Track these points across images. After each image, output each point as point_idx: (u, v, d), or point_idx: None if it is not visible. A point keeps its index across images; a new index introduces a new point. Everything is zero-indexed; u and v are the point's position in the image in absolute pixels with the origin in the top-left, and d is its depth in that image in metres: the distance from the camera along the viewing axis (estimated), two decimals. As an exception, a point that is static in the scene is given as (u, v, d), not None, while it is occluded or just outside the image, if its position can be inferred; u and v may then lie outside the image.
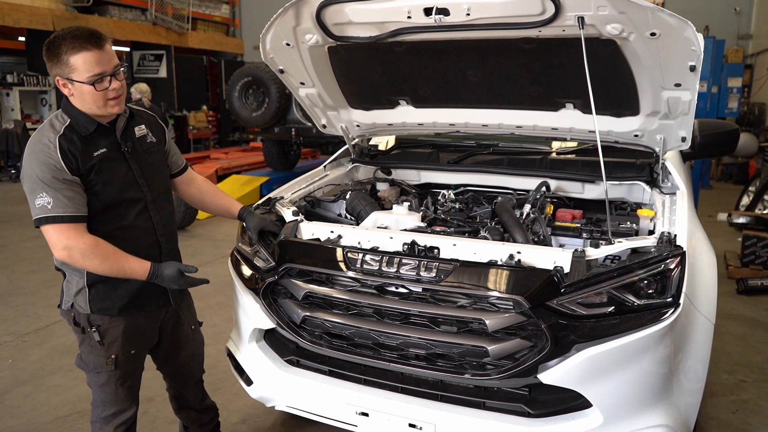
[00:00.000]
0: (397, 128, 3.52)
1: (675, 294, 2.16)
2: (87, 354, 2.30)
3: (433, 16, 2.45)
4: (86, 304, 2.23)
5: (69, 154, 2.07)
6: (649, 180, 3.00)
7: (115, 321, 2.27)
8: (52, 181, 2.03)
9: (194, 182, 2.67)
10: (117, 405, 2.36)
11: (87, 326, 2.24)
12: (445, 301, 2.29)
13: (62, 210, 2.04)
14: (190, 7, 16.03)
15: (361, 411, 2.41)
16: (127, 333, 2.30)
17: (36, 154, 2.05)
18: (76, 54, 2.02)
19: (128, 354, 2.33)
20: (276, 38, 2.87)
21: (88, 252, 2.08)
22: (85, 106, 2.12)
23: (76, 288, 2.24)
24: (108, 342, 2.27)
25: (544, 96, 2.96)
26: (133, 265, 2.16)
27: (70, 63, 2.03)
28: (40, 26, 11.99)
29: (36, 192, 2.04)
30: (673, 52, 2.37)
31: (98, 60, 2.05)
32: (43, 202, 2.03)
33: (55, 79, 2.10)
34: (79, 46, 2.02)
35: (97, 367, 2.29)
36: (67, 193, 2.05)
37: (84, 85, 2.06)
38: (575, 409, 2.22)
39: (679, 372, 2.25)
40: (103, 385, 2.32)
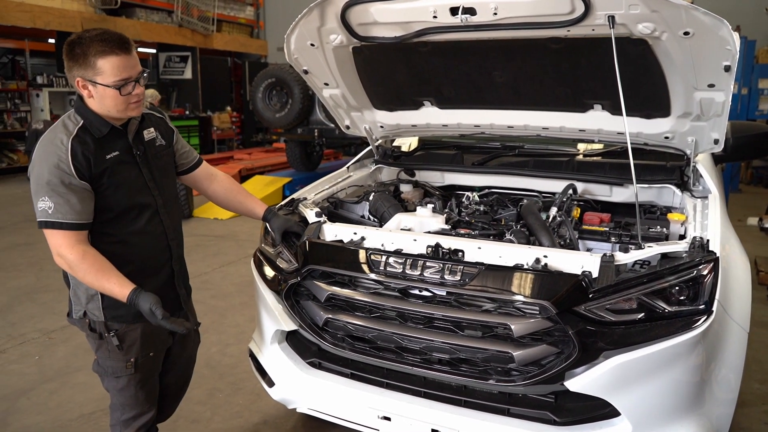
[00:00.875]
0: (421, 129, 3.48)
1: (708, 301, 2.10)
2: (105, 359, 2.28)
3: (460, 16, 2.42)
4: (100, 312, 2.21)
5: (81, 157, 2.05)
6: (679, 183, 2.92)
7: (132, 325, 2.25)
8: (58, 186, 2.02)
9: (216, 179, 2.65)
10: (137, 408, 2.34)
11: (104, 331, 2.23)
12: (469, 305, 2.25)
13: (61, 216, 2.03)
14: (215, 9, 16.17)
15: (383, 415, 2.38)
16: (145, 335, 2.28)
17: (47, 156, 2.03)
18: (104, 57, 2.01)
19: (147, 356, 2.33)
20: (300, 39, 2.86)
21: (74, 264, 2.06)
22: (103, 108, 2.11)
23: (86, 295, 2.22)
24: (127, 346, 2.25)
25: (571, 97, 2.90)
26: (113, 286, 2.08)
27: (97, 66, 2.02)
28: (70, 28, 12.19)
29: (39, 194, 2.03)
30: (707, 52, 2.31)
31: (125, 65, 2.05)
32: (45, 206, 2.02)
33: (74, 80, 2.07)
34: (109, 50, 2.01)
35: (117, 371, 2.27)
36: (70, 199, 2.03)
37: (108, 89, 2.05)
38: (603, 417, 2.17)
39: (711, 381, 2.19)
40: (122, 389, 2.30)
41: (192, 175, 2.59)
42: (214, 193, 2.65)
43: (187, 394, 3.60)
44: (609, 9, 2.23)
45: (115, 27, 13.19)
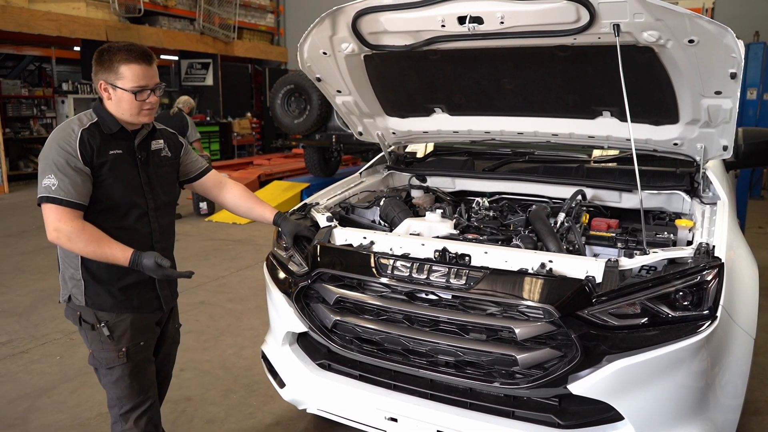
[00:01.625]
0: (433, 136, 3.53)
1: (712, 306, 2.12)
2: (99, 351, 2.36)
3: (467, 25, 2.47)
4: (81, 297, 2.31)
5: (87, 144, 2.20)
6: (689, 189, 2.93)
7: (120, 316, 2.34)
8: (64, 167, 2.15)
9: (225, 186, 2.73)
10: (133, 399, 2.40)
11: (95, 322, 2.32)
12: (474, 308, 2.29)
13: (63, 194, 2.15)
14: (236, 17, 16.39)
15: (390, 416, 2.43)
16: (135, 326, 2.37)
17: (57, 140, 2.19)
18: (127, 65, 2.21)
19: (138, 345, 2.40)
20: (313, 47, 2.93)
21: (73, 235, 2.16)
22: (118, 111, 2.27)
23: (71, 280, 2.33)
24: (117, 336, 2.34)
25: (580, 104, 2.93)
26: (115, 251, 2.21)
27: (119, 71, 2.21)
28: (94, 36, 12.45)
29: (46, 172, 2.16)
30: (712, 60, 2.33)
31: (144, 74, 2.24)
32: (49, 183, 2.14)
33: (98, 83, 2.25)
34: (132, 58, 2.21)
35: (110, 361, 2.35)
36: (74, 180, 2.16)
37: (126, 93, 2.22)
38: (606, 421, 2.19)
39: (715, 387, 2.20)
40: (117, 381, 2.37)
41: (201, 182, 2.68)
42: (224, 199, 2.74)
43: (202, 394, 3.70)
44: (614, 18, 2.27)
45: (138, 35, 13.45)
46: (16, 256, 6.87)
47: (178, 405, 3.59)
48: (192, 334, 4.65)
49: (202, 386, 3.84)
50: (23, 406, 3.58)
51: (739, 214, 6.24)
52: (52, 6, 11.78)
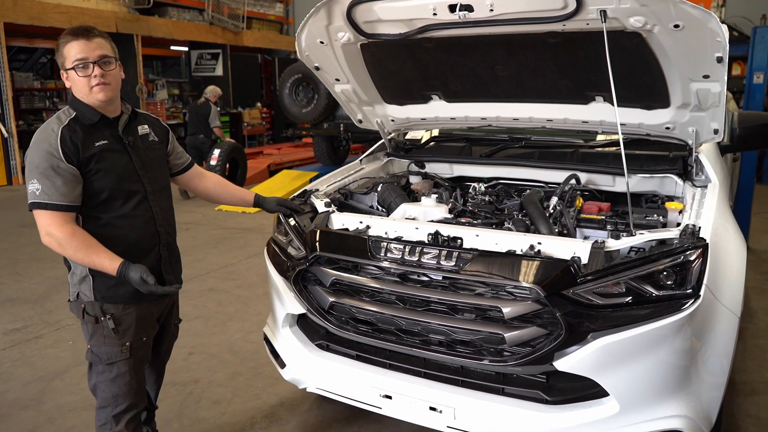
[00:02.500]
0: (431, 122, 3.59)
1: (695, 286, 2.17)
2: (99, 345, 2.33)
3: (458, 13, 2.52)
4: (90, 292, 2.30)
5: (69, 142, 2.17)
6: (681, 173, 2.97)
7: (128, 308, 2.33)
8: (46, 170, 2.14)
9: (205, 176, 2.80)
10: (129, 398, 2.38)
11: (100, 315, 2.30)
12: (464, 289, 2.36)
13: (47, 198, 2.14)
14: (245, 7, 16.46)
15: (384, 394, 2.51)
16: (139, 320, 2.37)
17: (38, 143, 2.18)
18: (66, 44, 2.21)
19: (140, 341, 2.40)
20: (310, 36, 2.99)
21: (63, 241, 2.16)
22: (79, 94, 2.26)
23: (80, 276, 2.31)
24: (122, 330, 2.33)
25: (573, 89, 2.98)
26: (103, 260, 2.20)
27: (62, 53, 2.22)
28: (104, 28, 12.56)
29: (30, 177, 2.17)
30: (698, 44, 2.37)
31: (82, 48, 2.20)
32: (33, 189, 2.15)
33: (61, 72, 2.27)
34: (70, 37, 2.21)
35: (111, 356, 2.32)
36: (57, 182, 2.14)
37: (71, 72, 2.21)
38: (592, 397, 2.25)
39: (699, 364, 2.25)
40: (115, 378, 2.34)
41: (185, 176, 2.73)
42: (205, 188, 2.80)
43: (209, 377, 3.81)
44: (600, 4, 2.31)
45: (147, 26, 13.56)
46: (31, 245, 7.03)
47: (186, 387, 3.71)
48: (201, 319, 4.77)
49: (210, 369, 3.95)
50: (37, 388, 3.72)
51: (744, 198, 6.26)
52: (62, -1, 11.91)
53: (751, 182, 6.38)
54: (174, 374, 3.84)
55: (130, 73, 13.75)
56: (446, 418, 2.39)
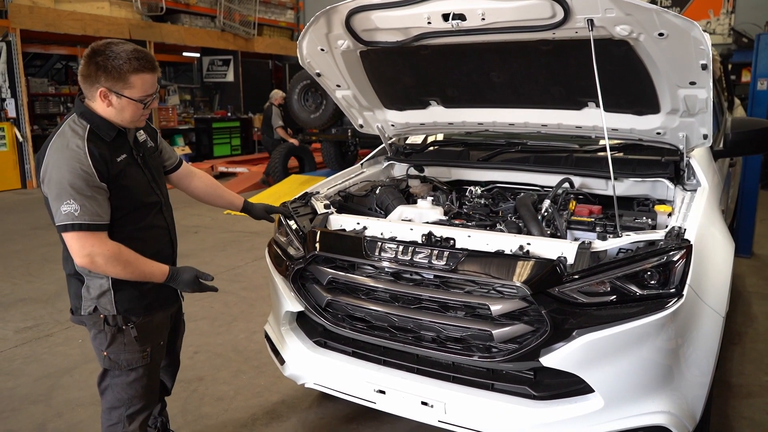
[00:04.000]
0: (429, 128, 3.68)
1: (678, 285, 2.24)
2: (119, 353, 2.33)
3: (451, 21, 2.61)
4: (112, 306, 2.28)
5: (99, 158, 2.12)
6: (672, 177, 3.04)
7: (147, 317, 2.37)
8: (82, 188, 2.07)
9: (196, 176, 2.80)
10: (144, 399, 2.43)
11: (122, 324, 2.30)
12: (455, 287, 2.44)
13: (89, 218, 2.09)
14: (257, 14, 16.67)
15: (378, 389, 2.60)
16: (158, 325, 2.45)
17: (66, 161, 2.08)
18: (138, 74, 2.13)
19: (159, 345, 2.47)
20: (311, 44, 3.10)
21: (111, 259, 2.14)
22: (117, 117, 2.20)
23: (99, 291, 2.28)
24: (143, 336, 2.36)
25: (566, 95, 3.05)
26: (153, 269, 2.26)
27: (129, 81, 2.12)
28: (118, 35, 12.79)
29: (63, 198, 2.07)
30: (683, 52, 2.44)
31: (153, 83, 2.20)
32: (70, 209, 2.06)
33: (97, 90, 2.13)
34: (142, 68, 2.13)
35: (132, 363, 2.35)
36: (94, 201, 2.10)
37: (132, 102, 2.16)
38: (577, 393, 2.32)
39: (684, 362, 2.32)
40: (133, 382, 2.37)
41: (175, 174, 2.73)
42: (195, 189, 2.81)
43: (213, 375, 3.91)
44: (587, 13, 2.39)
45: (160, 33, 13.77)
46: (43, 247, 7.19)
47: (190, 384, 3.81)
48: (207, 320, 4.88)
49: (214, 367, 4.05)
50: (47, 384, 3.83)
51: (748, 204, 6.29)
52: (77, 6, 12.15)
53: (755, 188, 6.40)
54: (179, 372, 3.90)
55: (142, 79, 13.93)
56: (437, 413, 2.47)
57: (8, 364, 4.12)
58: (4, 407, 3.55)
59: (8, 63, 11.17)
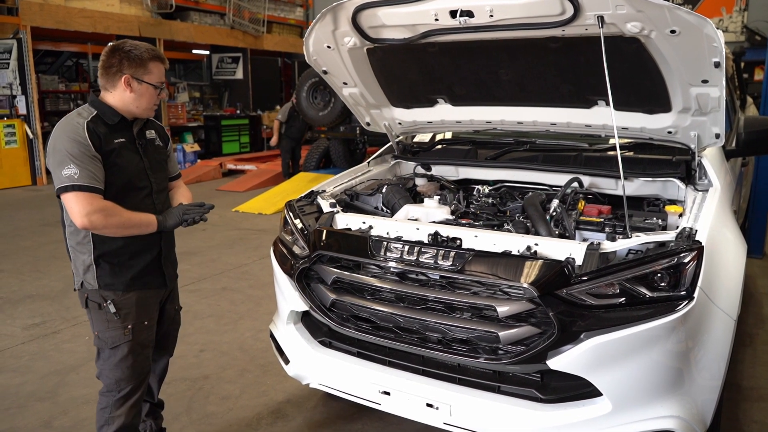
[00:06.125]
0: (437, 126, 3.64)
1: (689, 288, 2.20)
2: (104, 330, 2.50)
3: (459, 18, 2.58)
4: (94, 281, 2.47)
5: (95, 134, 2.37)
6: (684, 177, 2.99)
7: (126, 294, 2.50)
8: (80, 155, 2.31)
9: (181, 187, 2.88)
10: (132, 381, 2.54)
11: (102, 301, 2.47)
12: (461, 288, 2.41)
13: (87, 181, 2.31)
14: (266, 11, 16.66)
15: (383, 390, 2.57)
16: (139, 305, 2.54)
17: (66, 132, 2.35)
18: (155, 62, 2.47)
19: (142, 324, 2.56)
20: (318, 41, 3.07)
21: (106, 212, 2.33)
22: (134, 102, 2.47)
23: (84, 266, 2.49)
24: (123, 314, 2.49)
25: (575, 93, 3.01)
26: (142, 217, 2.46)
27: (148, 67, 2.45)
28: (128, 32, 12.83)
29: (64, 164, 2.30)
30: (695, 49, 2.39)
31: (164, 72, 2.54)
32: (70, 173, 2.29)
33: (121, 77, 2.41)
34: (157, 57, 2.49)
35: (116, 339, 2.49)
36: (91, 167, 2.32)
37: (150, 87, 2.47)
38: (585, 396, 2.29)
39: (694, 366, 2.28)
40: (119, 362, 2.51)
41: (170, 184, 2.82)
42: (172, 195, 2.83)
43: (219, 373, 3.90)
44: (597, 9, 2.35)
45: (170, 30, 13.80)
46: (52, 243, 7.21)
47: (195, 383, 3.80)
48: (213, 317, 4.87)
49: (220, 366, 4.04)
50: (54, 381, 3.84)
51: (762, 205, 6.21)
52: (87, 4, 12.18)
53: (768, 188, 6.32)
54: (185, 370, 3.94)
55: (152, 76, 13.97)
56: (443, 415, 2.44)
57: (15, 360, 4.13)
58: (10, 404, 3.56)
59: (19, 60, 11.22)
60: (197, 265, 6.36)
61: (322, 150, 11.58)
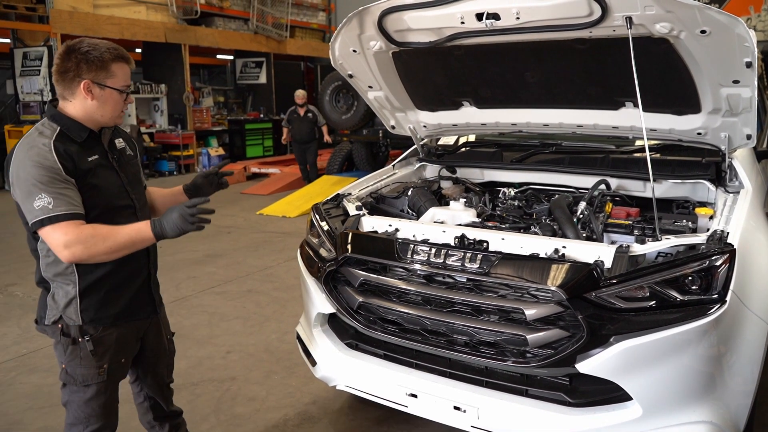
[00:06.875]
0: (462, 128, 3.64)
1: (721, 291, 2.17)
2: (75, 367, 2.18)
3: (485, 21, 2.58)
4: (77, 315, 2.15)
5: (65, 155, 2.04)
6: (714, 179, 2.95)
7: (107, 329, 2.20)
8: (51, 182, 1.99)
9: (157, 194, 2.60)
10: (102, 419, 2.25)
11: (78, 336, 2.15)
12: (488, 290, 2.41)
13: (64, 208, 1.98)
14: (289, 16, 16.80)
15: (410, 392, 2.57)
16: (119, 341, 2.24)
17: (30, 157, 2.01)
18: (118, 63, 2.12)
19: (119, 362, 2.27)
20: (343, 45, 3.09)
21: (88, 241, 1.99)
22: (98, 111, 2.13)
23: (66, 299, 2.16)
24: (101, 351, 2.18)
25: (602, 95, 2.99)
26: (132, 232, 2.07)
27: (111, 69, 2.10)
28: (154, 38, 13.06)
29: (34, 194, 1.98)
30: (726, 49, 2.37)
31: (129, 74, 2.19)
32: (43, 203, 1.97)
33: (80, 83, 2.08)
34: (120, 57, 2.13)
35: (87, 379, 2.18)
36: (66, 192, 2.01)
37: (114, 92, 2.13)
38: (615, 400, 2.27)
39: (727, 370, 2.24)
40: (89, 400, 2.21)
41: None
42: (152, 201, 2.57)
43: (246, 375, 3.94)
44: (625, 11, 2.34)
45: (195, 36, 13.99)
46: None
47: (223, 384, 3.84)
48: (239, 319, 4.93)
49: (246, 367, 4.08)
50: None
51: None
52: (115, 11, 12.42)
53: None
54: (213, 371, 3.99)
55: (177, 81, 14.22)
56: (470, 418, 2.43)
57: (48, 360, 4.21)
58: (43, 403, 3.63)
59: (49, 67, 11.46)
60: (223, 267, 6.43)
61: (344, 153, 11.61)
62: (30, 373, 4.02)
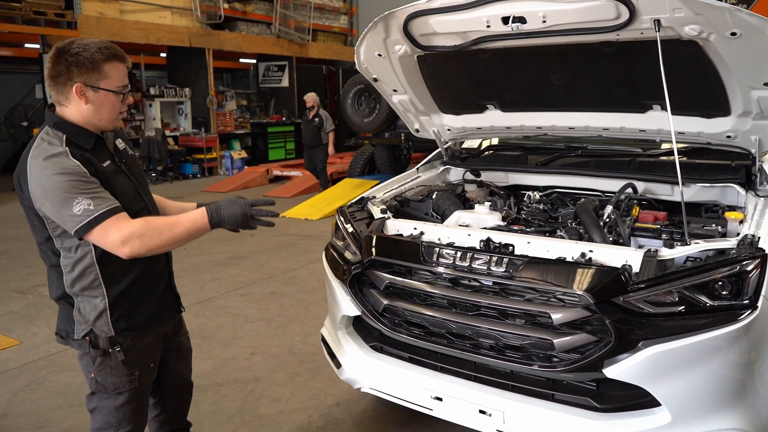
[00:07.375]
0: (486, 132, 3.64)
1: (752, 297, 2.14)
2: (106, 377, 2.14)
3: (511, 25, 2.58)
4: (109, 327, 2.09)
5: (83, 159, 1.97)
6: (744, 182, 2.91)
7: (137, 337, 2.17)
8: (82, 184, 1.91)
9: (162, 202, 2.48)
10: (133, 422, 2.23)
11: (108, 347, 2.10)
12: (514, 294, 2.40)
13: (107, 205, 1.92)
14: (311, 20, 16.91)
15: (435, 396, 2.58)
16: (148, 347, 2.22)
17: (51, 169, 1.91)
18: (111, 63, 1.99)
19: (149, 368, 2.25)
20: (369, 50, 3.11)
21: (144, 231, 1.94)
22: (95, 115, 2.04)
23: (95, 312, 2.09)
24: (131, 360, 2.14)
25: (629, 98, 2.97)
26: (187, 222, 2.01)
27: (103, 70, 1.98)
28: (179, 43, 13.23)
29: (70, 201, 1.89)
30: (757, 51, 2.34)
31: (125, 73, 2.07)
32: (83, 206, 1.89)
33: (72, 87, 1.97)
34: (113, 56, 2.00)
35: (119, 387, 2.15)
36: (100, 190, 1.95)
37: (110, 95, 2.02)
38: (643, 406, 2.25)
39: (758, 377, 2.21)
40: (121, 406, 2.17)
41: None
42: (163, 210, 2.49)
43: (270, 376, 3.97)
44: (653, 13, 2.32)
45: (219, 40, 14.14)
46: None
47: (247, 385, 3.88)
48: (263, 321, 4.96)
49: (270, 369, 4.11)
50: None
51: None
52: (140, 16, 12.62)
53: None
54: (237, 372, 4.03)
55: (201, 85, 14.39)
56: (495, 422, 2.43)
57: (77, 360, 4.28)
58: (73, 401, 3.70)
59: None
60: (246, 269, 6.49)
61: (366, 156, 11.63)
62: (60, 372, 4.09)
